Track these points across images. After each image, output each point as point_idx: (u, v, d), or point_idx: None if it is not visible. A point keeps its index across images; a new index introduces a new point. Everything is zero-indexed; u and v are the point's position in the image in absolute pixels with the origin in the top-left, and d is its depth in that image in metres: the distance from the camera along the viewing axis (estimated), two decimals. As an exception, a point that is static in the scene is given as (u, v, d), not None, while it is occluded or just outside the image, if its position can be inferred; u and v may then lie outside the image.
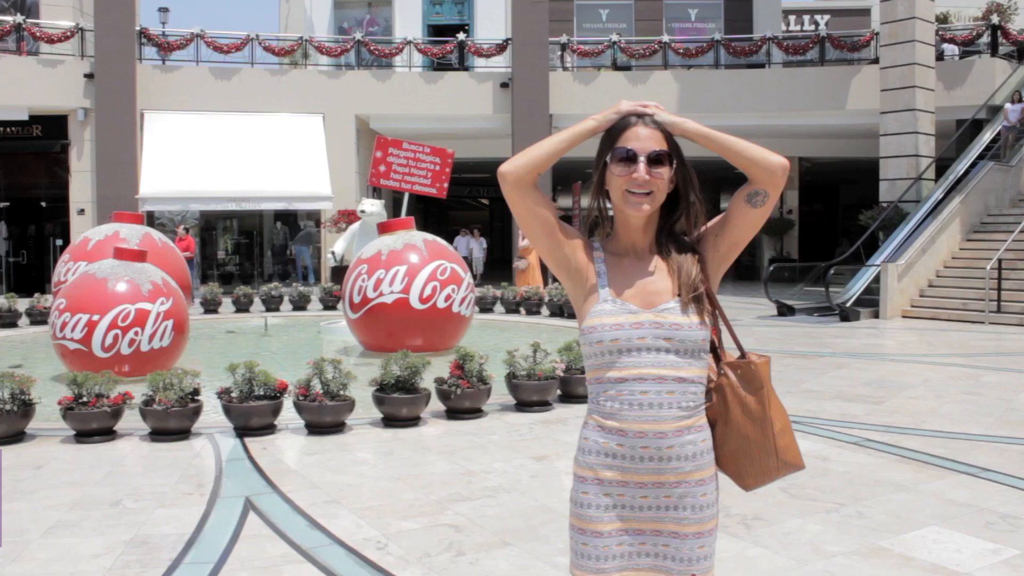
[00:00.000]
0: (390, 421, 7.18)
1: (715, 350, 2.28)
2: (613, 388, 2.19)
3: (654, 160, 2.19)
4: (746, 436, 2.22)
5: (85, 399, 6.88)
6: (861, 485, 5.48)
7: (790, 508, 5.02)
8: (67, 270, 13.08)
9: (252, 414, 6.85)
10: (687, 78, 24.29)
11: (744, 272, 28.66)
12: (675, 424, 2.15)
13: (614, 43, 24.49)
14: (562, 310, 15.48)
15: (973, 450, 6.38)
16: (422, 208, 31.92)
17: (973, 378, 9.68)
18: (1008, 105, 19.14)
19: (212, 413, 7.46)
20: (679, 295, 2.20)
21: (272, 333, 14.63)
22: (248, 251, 27.09)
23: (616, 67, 24.81)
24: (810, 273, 19.83)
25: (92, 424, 6.82)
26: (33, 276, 23.87)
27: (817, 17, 41.17)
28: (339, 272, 20.57)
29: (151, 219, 22.04)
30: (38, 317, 15.80)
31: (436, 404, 7.55)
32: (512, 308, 16.71)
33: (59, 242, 23.49)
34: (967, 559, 4.25)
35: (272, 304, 17.24)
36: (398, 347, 8.72)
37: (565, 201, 26.51)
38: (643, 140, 2.20)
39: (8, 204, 23.87)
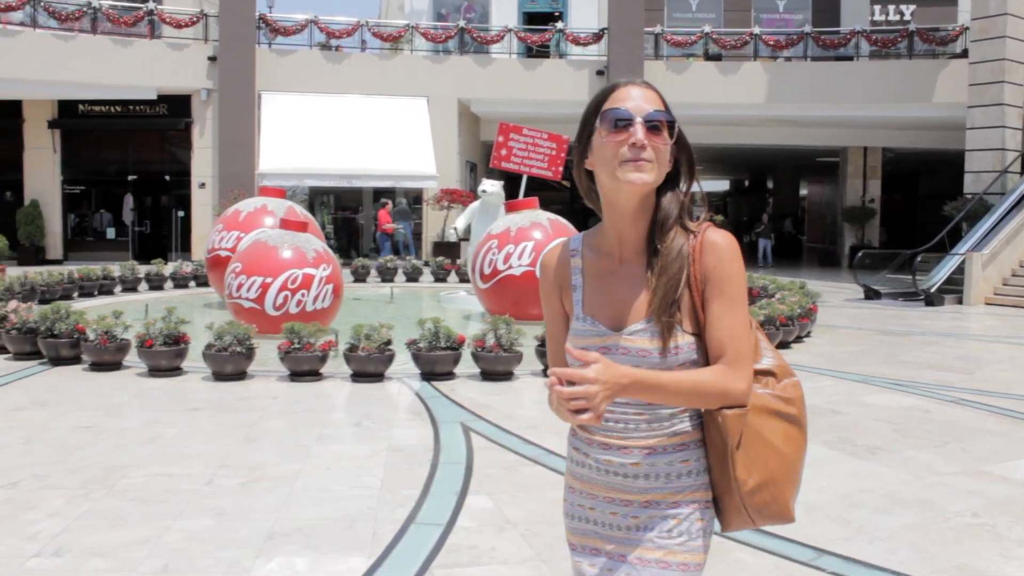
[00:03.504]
0: (549, 372, 8.47)
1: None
2: None
3: (653, 126, 1.84)
4: (716, 482, 1.92)
5: (298, 345, 8.27)
6: (961, 430, 6.62)
7: (904, 443, 6.19)
8: (221, 239, 14.50)
9: (437, 362, 8.21)
10: (776, 69, 25.16)
11: (826, 258, 29.50)
12: (643, 442, 1.89)
13: (707, 34, 25.40)
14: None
15: (1057, 411, 7.45)
16: (507, 188, 33.17)
17: (1055, 357, 10.66)
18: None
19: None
20: (646, 319, 1.88)
21: (395, 301, 16.03)
22: (347, 224, 28.64)
23: (707, 57, 25.74)
24: (894, 260, 20.64)
25: (304, 366, 8.23)
26: (151, 245, 25.71)
27: (903, 7, 41.39)
28: (441, 247, 22.05)
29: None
30: (180, 281, 17.49)
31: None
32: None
33: (180, 213, 25.32)
34: (1054, 481, 5.39)
35: (387, 275, 18.69)
36: (523, 315, 10.01)
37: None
38: (638, 100, 1.86)
39: (136, 177, 25.72)
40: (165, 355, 8.45)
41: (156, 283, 17.10)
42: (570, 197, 42.94)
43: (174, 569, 3.97)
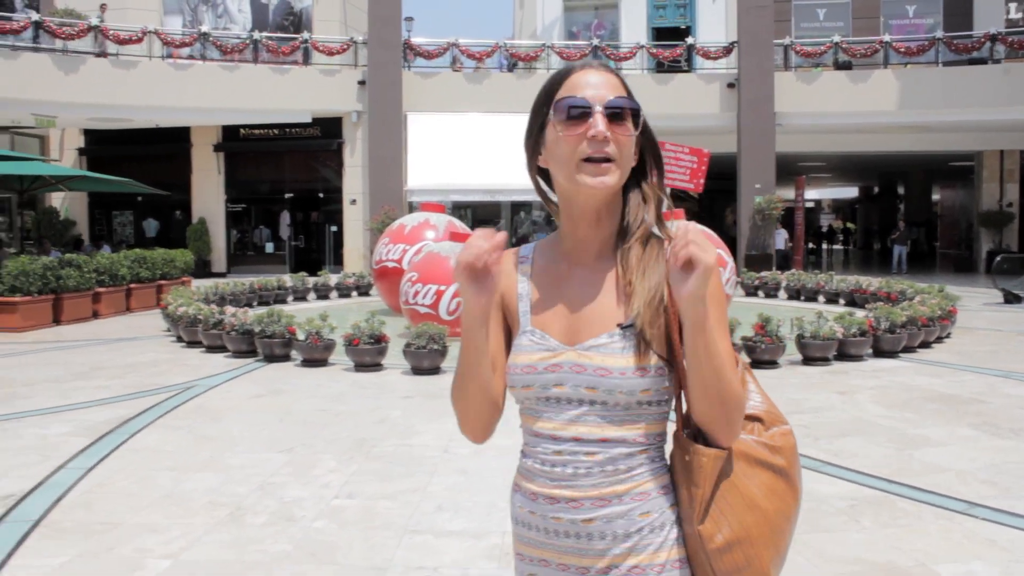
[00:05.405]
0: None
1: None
2: (530, 442, 1.68)
3: (615, 114, 1.60)
4: (685, 536, 1.61)
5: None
6: (1101, 418, 7.27)
7: (1046, 427, 6.92)
8: (387, 251, 15.76)
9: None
10: (907, 76, 25.30)
11: (962, 264, 29.33)
12: (595, 491, 1.58)
13: (836, 44, 25.77)
14: (799, 293, 17.28)
15: None
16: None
17: None
18: None
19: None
20: (622, 325, 1.58)
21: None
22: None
23: (837, 66, 26.08)
24: (1034, 264, 20.64)
25: (491, 362, 9.34)
26: (302, 258, 27.61)
27: (1040, 4, 40.50)
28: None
29: (410, 208, 25.16)
30: (344, 291, 19.03)
31: (741, 356, 9.71)
32: (751, 291, 18.66)
33: (333, 228, 27.11)
34: None
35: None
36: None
37: (787, 193, 27.95)
38: (597, 87, 1.61)
39: (291, 195, 27.68)
40: (369, 352, 9.71)
41: (323, 292, 18.66)
42: (698, 206, 43.56)
43: (447, 508, 5.09)
